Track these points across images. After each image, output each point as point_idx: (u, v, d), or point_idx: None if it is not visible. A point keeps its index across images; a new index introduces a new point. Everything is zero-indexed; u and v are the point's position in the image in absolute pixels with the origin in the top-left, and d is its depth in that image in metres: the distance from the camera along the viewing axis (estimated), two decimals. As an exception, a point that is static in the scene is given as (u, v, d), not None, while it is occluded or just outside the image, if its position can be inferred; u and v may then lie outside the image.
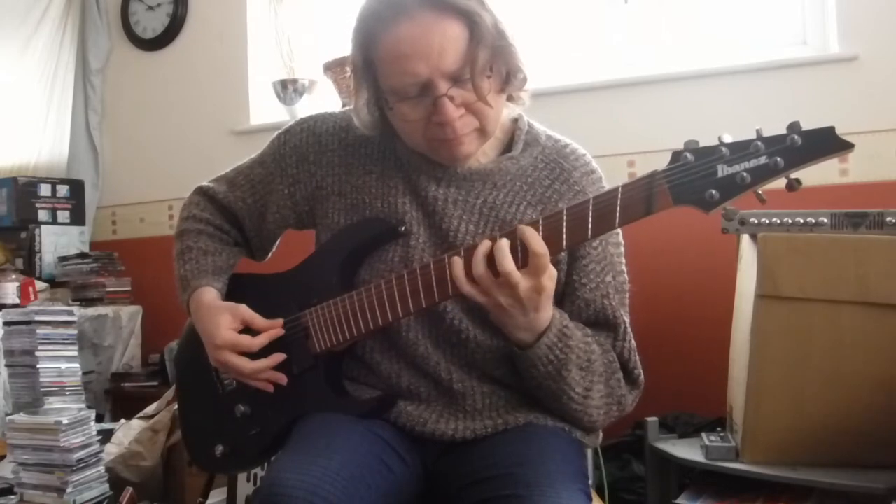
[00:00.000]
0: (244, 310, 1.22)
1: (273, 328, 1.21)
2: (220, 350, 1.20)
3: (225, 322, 1.20)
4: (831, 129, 0.91)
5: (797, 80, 2.25)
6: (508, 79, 1.14)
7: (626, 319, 1.20)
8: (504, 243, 1.03)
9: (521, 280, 1.02)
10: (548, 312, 1.08)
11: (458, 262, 1.06)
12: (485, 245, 1.04)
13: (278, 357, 1.20)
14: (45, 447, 2.11)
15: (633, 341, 1.20)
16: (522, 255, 1.03)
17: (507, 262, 1.02)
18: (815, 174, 1.04)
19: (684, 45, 2.49)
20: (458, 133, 1.11)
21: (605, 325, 1.19)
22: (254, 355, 1.20)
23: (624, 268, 1.23)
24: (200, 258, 1.31)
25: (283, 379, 1.20)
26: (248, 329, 1.21)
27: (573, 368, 1.11)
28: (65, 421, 2.10)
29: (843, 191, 2.17)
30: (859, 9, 2.21)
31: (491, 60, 1.09)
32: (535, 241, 1.02)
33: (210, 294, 1.27)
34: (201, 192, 1.38)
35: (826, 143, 0.91)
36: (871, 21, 2.19)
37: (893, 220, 1.56)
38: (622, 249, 1.23)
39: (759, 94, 2.26)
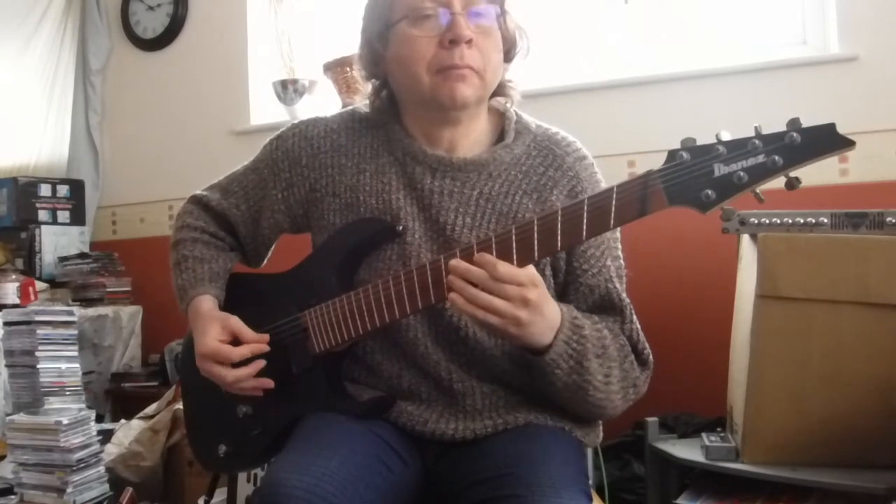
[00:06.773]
0: (235, 321, 1.22)
1: (259, 342, 1.21)
2: (202, 359, 1.21)
3: (213, 332, 1.21)
4: (832, 126, 0.89)
5: (797, 80, 2.25)
6: (513, 39, 1.21)
7: (629, 302, 1.20)
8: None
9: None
10: (555, 307, 1.07)
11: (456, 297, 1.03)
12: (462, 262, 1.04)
13: (258, 364, 1.19)
14: (45, 447, 2.11)
15: (638, 322, 1.20)
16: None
17: (488, 269, 1.01)
18: (815, 174, 1.03)
19: (684, 45, 2.49)
20: (465, 60, 1.13)
21: (612, 308, 1.19)
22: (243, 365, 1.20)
23: (620, 253, 1.23)
24: (197, 266, 1.31)
25: (269, 383, 1.20)
26: (238, 341, 1.21)
27: (591, 357, 1.10)
28: (65, 421, 2.10)
29: (843, 191, 2.17)
30: (859, 9, 2.21)
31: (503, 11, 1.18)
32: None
33: (206, 304, 1.27)
34: (195, 200, 1.39)
35: (826, 141, 0.89)
36: (871, 21, 2.19)
37: (893, 220, 1.56)
38: (618, 234, 1.23)
39: (759, 94, 2.26)
